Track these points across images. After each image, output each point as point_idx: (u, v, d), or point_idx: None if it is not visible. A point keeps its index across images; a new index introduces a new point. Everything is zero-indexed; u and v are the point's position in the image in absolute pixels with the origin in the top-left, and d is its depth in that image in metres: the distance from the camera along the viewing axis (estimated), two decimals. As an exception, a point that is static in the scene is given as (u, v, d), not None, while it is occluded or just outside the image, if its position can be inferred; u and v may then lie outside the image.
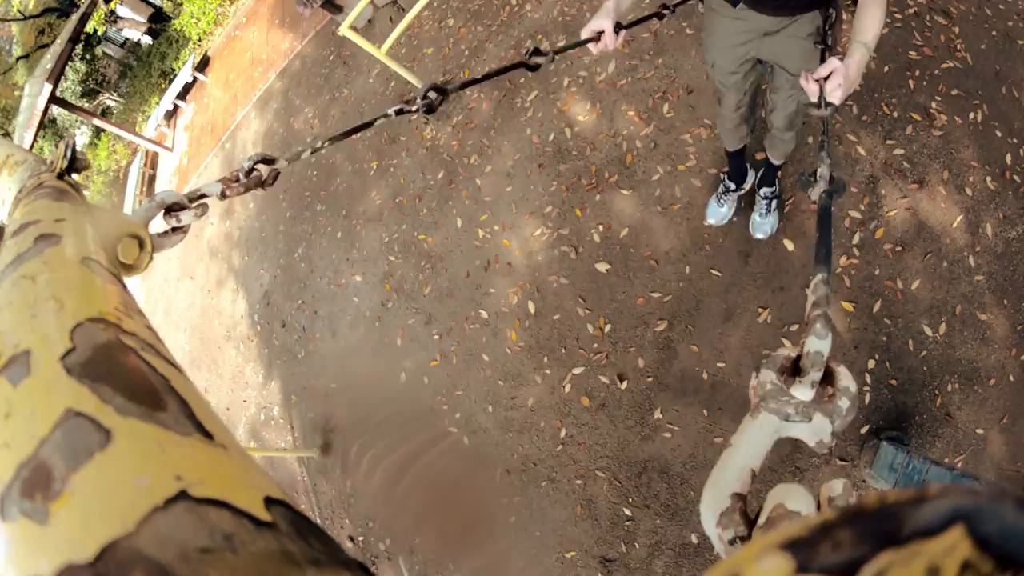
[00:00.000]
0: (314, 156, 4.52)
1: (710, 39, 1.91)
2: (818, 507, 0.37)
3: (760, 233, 2.67)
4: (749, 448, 0.45)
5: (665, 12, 1.73)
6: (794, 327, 2.53)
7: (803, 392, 0.51)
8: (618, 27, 1.50)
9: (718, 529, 0.40)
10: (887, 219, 2.55)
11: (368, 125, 0.96)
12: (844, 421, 0.49)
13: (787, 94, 1.91)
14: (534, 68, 1.28)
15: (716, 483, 0.42)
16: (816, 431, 0.48)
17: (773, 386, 0.50)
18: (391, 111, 0.99)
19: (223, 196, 0.72)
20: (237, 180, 0.74)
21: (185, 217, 0.66)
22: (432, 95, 1.05)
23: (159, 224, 0.64)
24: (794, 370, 0.54)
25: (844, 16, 1.66)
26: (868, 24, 1.34)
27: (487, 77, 1.14)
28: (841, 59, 1.28)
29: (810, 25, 1.62)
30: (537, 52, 1.28)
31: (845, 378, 0.52)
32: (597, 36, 1.47)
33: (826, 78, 1.26)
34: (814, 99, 1.26)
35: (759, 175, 2.65)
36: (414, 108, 1.03)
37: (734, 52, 1.85)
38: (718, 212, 2.72)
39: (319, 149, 0.87)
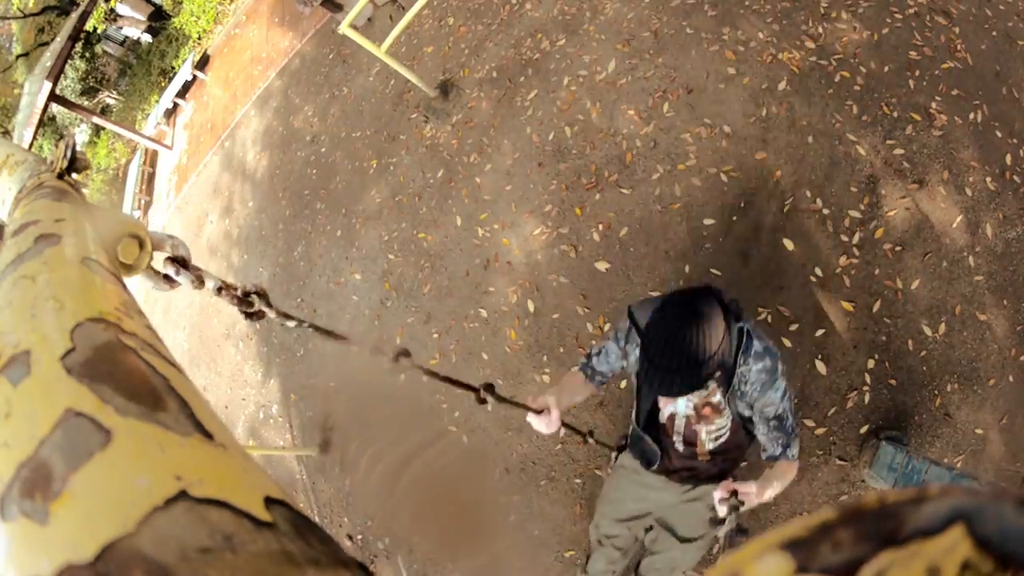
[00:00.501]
0: (313, 155, 4.48)
1: (609, 496, 1.91)
2: None
3: None
4: None
5: (590, 439, 1.91)
6: (794, 327, 2.53)
7: None
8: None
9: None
10: (887, 219, 2.55)
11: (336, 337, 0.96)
12: None
13: (669, 556, 1.83)
14: (481, 402, 1.32)
15: None
16: None
17: None
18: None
19: (218, 292, 0.71)
20: (233, 294, 0.73)
21: (181, 277, 0.65)
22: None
23: (157, 262, 0.63)
24: None
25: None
26: (780, 472, 1.48)
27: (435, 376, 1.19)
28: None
29: (710, 496, 1.62)
30: (490, 388, 1.31)
31: None
32: (542, 410, 1.50)
33: (734, 494, 1.39)
34: (721, 514, 1.38)
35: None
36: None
37: (628, 507, 1.85)
38: None
39: (305, 325, 0.87)
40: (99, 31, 10.75)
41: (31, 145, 6.18)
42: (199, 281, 0.66)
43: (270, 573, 0.18)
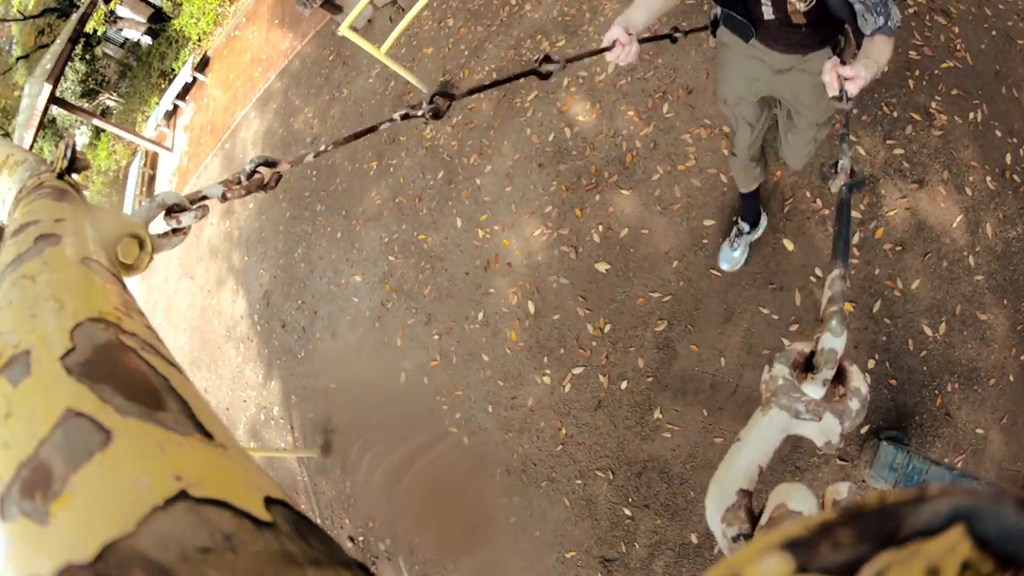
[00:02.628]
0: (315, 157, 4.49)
1: (723, 74, 1.91)
2: (822, 509, 0.37)
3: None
4: (758, 444, 0.45)
5: (677, 35, 1.79)
6: (794, 327, 2.53)
7: (815, 390, 0.50)
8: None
9: (722, 525, 0.39)
10: (887, 219, 2.55)
11: (372, 129, 0.95)
12: (853, 422, 0.48)
13: (804, 135, 1.88)
14: (545, 76, 1.26)
15: (723, 478, 0.42)
16: (825, 431, 0.47)
17: (785, 381, 0.49)
18: (397, 115, 0.98)
19: (224, 198, 0.71)
20: (239, 182, 0.74)
21: (185, 219, 0.66)
22: (439, 100, 1.04)
23: (159, 225, 0.64)
24: (807, 366, 0.53)
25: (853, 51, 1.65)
26: (878, 51, 1.40)
27: (496, 84, 1.12)
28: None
29: (821, 63, 1.62)
30: (547, 59, 1.26)
31: (857, 379, 0.51)
32: (611, 45, 1.47)
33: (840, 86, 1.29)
34: (833, 93, 1.29)
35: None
36: (420, 113, 1.02)
37: (748, 87, 1.85)
38: (731, 257, 2.65)
39: (322, 152, 0.86)
40: (99, 33, 10.76)
41: (31, 147, 6.18)
42: (202, 210, 0.67)
43: (270, 573, 0.18)
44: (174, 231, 0.65)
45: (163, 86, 9.57)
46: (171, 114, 8.64)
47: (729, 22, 1.70)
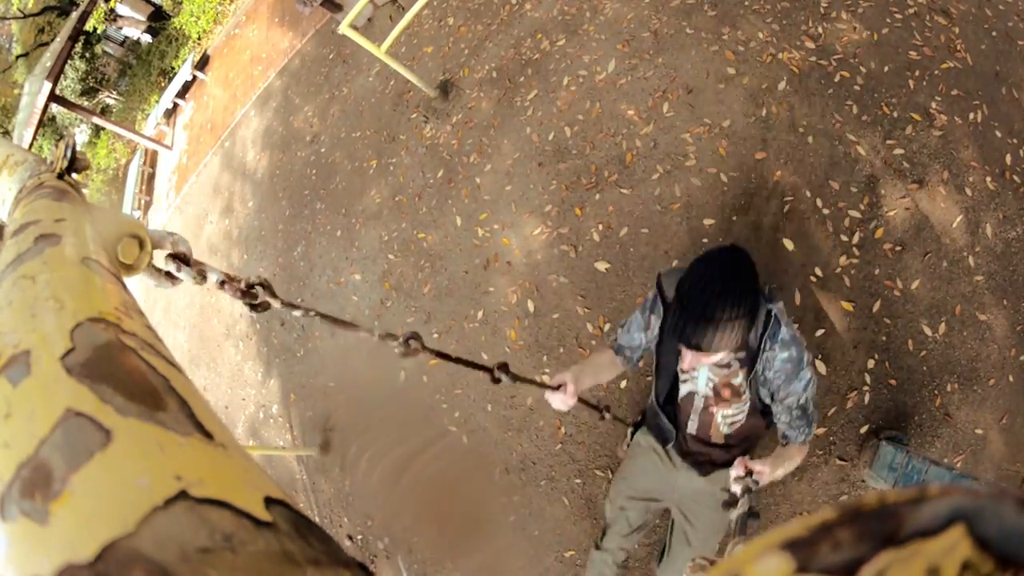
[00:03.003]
0: (313, 155, 4.47)
1: (625, 472, 1.91)
2: None
3: None
4: None
5: (606, 414, 1.87)
6: (794, 326, 2.52)
7: None
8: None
9: None
10: (887, 219, 2.55)
11: (354, 328, 0.93)
12: None
13: (686, 552, 1.81)
14: (496, 381, 1.23)
15: None
16: None
17: None
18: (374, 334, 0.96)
19: (220, 284, 0.71)
20: (236, 287, 0.73)
21: (182, 274, 0.65)
22: (414, 343, 1.01)
23: (158, 259, 0.63)
24: None
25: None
26: (792, 454, 1.50)
27: (459, 360, 1.12)
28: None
29: (724, 479, 1.65)
30: (504, 367, 1.22)
31: None
32: (558, 386, 1.47)
33: (748, 474, 1.37)
34: (737, 473, 1.37)
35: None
36: (395, 348, 0.99)
37: (642, 485, 1.85)
38: None
39: (308, 314, 0.85)
40: (99, 31, 10.76)
41: (31, 146, 6.18)
42: (201, 276, 0.66)
43: (270, 573, 0.18)
44: (167, 273, 0.64)
45: (163, 84, 9.57)
46: (171, 112, 8.64)
47: (652, 422, 1.79)
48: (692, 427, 1.66)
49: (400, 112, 4.40)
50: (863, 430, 2.33)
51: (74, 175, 0.52)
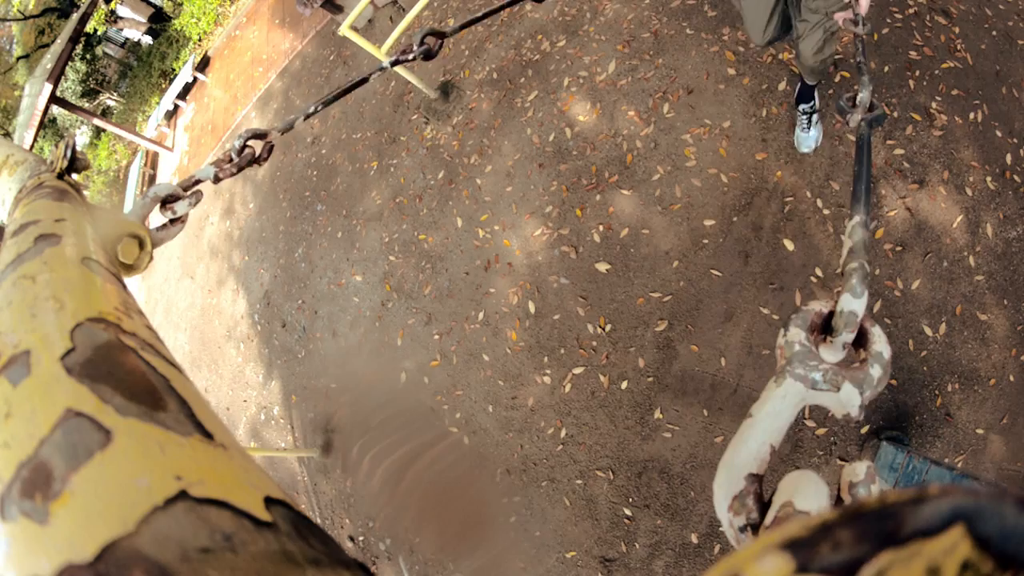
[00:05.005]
0: (314, 156, 4.47)
1: None
2: (838, 491, 0.36)
3: (805, 147, 2.72)
4: (771, 421, 0.41)
5: None
6: (794, 327, 2.52)
7: (833, 355, 0.45)
8: None
9: (729, 514, 0.37)
10: (887, 219, 2.55)
11: (363, 81, 0.94)
12: (875, 391, 0.44)
13: (813, 20, 1.96)
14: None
15: (731, 461, 0.39)
16: (844, 402, 0.43)
17: (802, 347, 0.45)
18: (386, 63, 0.98)
19: (217, 179, 0.71)
20: (230, 160, 0.73)
21: (180, 207, 0.66)
22: (430, 40, 1.04)
23: (157, 218, 0.64)
24: (824, 328, 0.48)
25: None
26: None
27: (488, 14, 1.13)
28: None
29: None
30: None
31: (879, 342, 0.46)
32: None
33: None
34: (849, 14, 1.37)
35: (796, 91, 2.68)
36: (411, 56, 1.02)
37: None
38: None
39: (311, 114, 0.86)
40: (99, 33, 10.77)
41: (32, 147, 6.19)
42: (196, 195, 0.67)
43: (270, 573, 0.18)
44: (172, 221, 0.65)
45: (164, 86, 9.58)
46: (172, 114, 8.65)
47: None
48: None
49: (401, 113, 4.40)
50: (863, 430, 2.33)
51: (74, 175, 0.52)
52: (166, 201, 0.65)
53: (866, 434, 2.33)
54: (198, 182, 0.68)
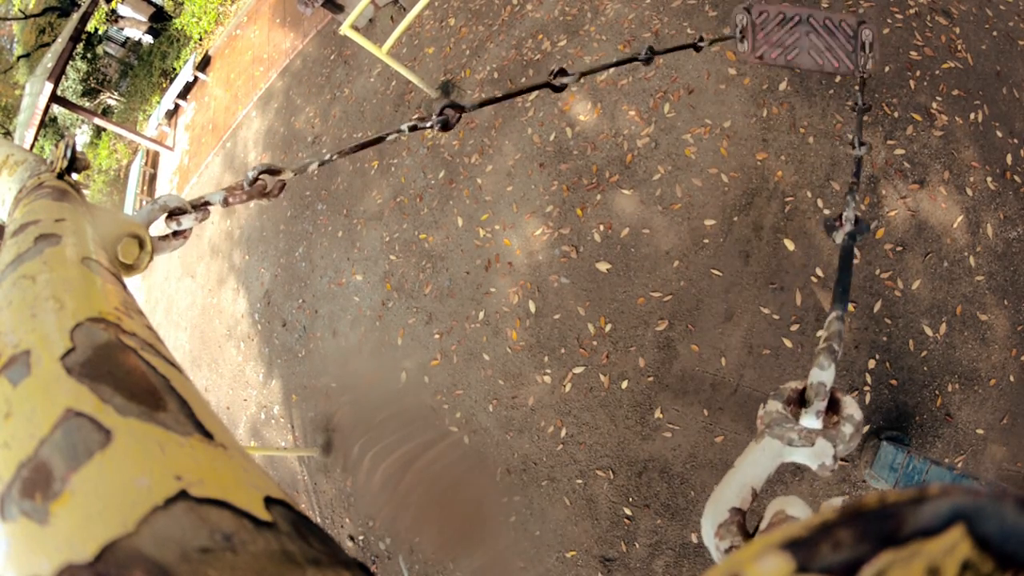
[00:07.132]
0: (320, 166, 4.49)
1: None
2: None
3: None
4: (751, 468, 0.47)
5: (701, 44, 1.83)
6: (795, 327, 2.52)
7: (810, 421, 0.53)
8: None
9: (716, 539, 0.41)
10: (888, 219, 2.54)
11: (379, 140, 0.94)
12: (847, 446, 0.50)
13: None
14: (559, 89, 1.26)
15: (717, 498, 0.44)
16: (818, 455, 0.50)
17: (779, 415, 0.52)
18: (405, 127, 0.97)
19: (226, 203, 0.71)
20: (241, 188, 0.73)
21: (186, 221, 0.66)
22: (449, 112, 1.03)
23: (160, 227, 0.64)
24: (801, 401, 0.56)
25: None
26: None
27: (509, 96, 1.12)
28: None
29: None
30: (562, 72, 1.27)
31: (850, 407, 0.54)
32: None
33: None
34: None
35: None
36: (429, 124, 1.01)
37: None
38: None
39: (327, 161, 0.85)
40: (100, 32, 10.76)
41: (32, 146, 6.19)
42: (204, 212, 0.67)
43: (270, 573, 0.18)
44: (175, 234, 0.65)
45: (164, 85, 9.58)
46: (172, 113, 8.65)
47: None
48: None
49: (401, 113, 4.40)
50: (864, 430, 2.33)
51: (74, 175, 0.52)
52: (173, 213, 0.65)
53: (866, 434, 2.33)
54: (208, 203, 0.68)
